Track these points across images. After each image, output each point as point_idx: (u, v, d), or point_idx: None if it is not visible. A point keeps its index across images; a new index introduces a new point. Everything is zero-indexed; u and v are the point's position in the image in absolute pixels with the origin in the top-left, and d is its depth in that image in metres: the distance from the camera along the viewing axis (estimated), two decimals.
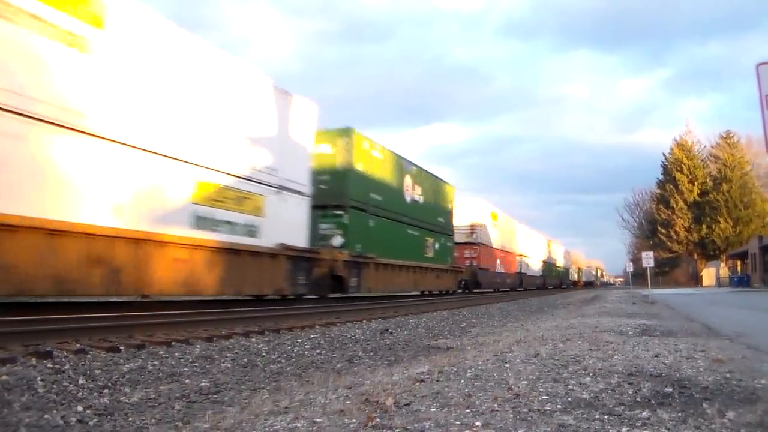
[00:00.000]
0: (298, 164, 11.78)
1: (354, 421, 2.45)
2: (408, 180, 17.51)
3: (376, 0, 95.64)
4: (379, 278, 15.58)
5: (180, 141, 8.75)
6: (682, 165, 59.71)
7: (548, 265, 45.23)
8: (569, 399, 2.62)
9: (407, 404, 2.69)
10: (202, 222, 9.13)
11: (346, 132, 14.21)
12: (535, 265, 40.53)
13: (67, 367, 4.62)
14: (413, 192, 17.83)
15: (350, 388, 3.48)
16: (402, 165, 17.35)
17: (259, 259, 10.39)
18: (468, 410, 2.50)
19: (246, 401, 3.78)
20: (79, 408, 3.51)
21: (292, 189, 11.51)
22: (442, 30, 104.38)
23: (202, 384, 4.39)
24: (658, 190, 63.39)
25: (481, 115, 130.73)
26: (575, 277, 69.11)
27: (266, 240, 10.58)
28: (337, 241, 13.64)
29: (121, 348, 5.63)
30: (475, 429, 2.21)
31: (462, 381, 3.22)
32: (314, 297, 12.71)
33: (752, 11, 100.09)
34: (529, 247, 38.56)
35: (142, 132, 8.07)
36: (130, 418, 3.38)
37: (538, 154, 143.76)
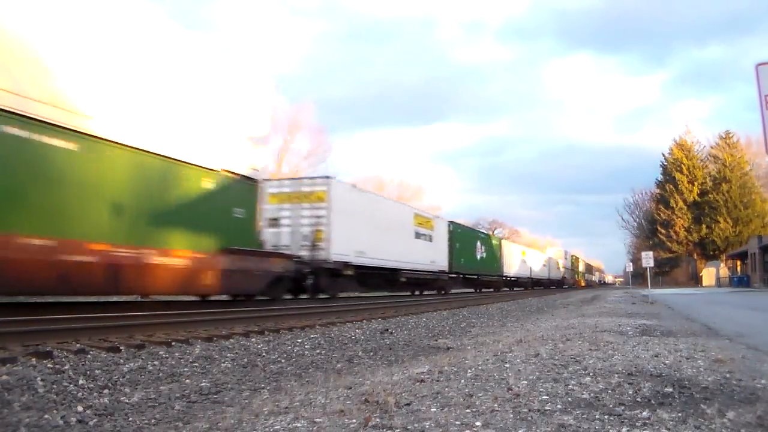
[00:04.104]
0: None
1: (354, 421, 2.45)
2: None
3: (378, 2, 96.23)
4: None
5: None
6: (682, 165, 59.68)
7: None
8: (569, 399, 2.62)
9: (407, 404, 2.69)
10: None
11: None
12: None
13: (67, 367, 4.62)
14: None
15: (350, 388, 3.48)
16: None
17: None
18: (468, 410, 2.50)
19: (246, 401, 3.78)
20: (79, 408, 3.51)
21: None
22: (444, 32, 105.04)
23: (202, 384, 4.39)
24: (658, 191, 63.33)
25: (482, 115, 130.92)
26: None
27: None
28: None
29: (121, 348, 5.63)
30: (475, 429, 2.21)
31: (462, 381, 3.22)
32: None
33: (751, 14, 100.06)
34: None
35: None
36: (130, 418, 3.38)
37: (539, 155, 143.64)
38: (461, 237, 28.47)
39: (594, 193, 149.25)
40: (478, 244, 31.30)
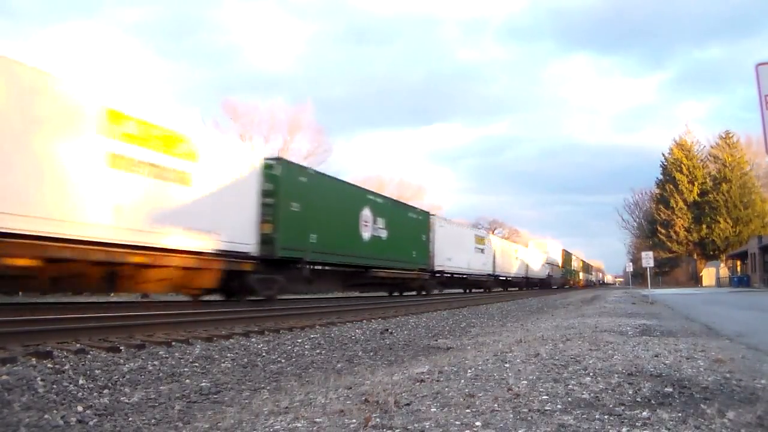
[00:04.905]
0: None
1: (354, 421, 2.45)
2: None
3: (379, 3, 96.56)
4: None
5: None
6: (682, 165, 59.70)
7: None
8: (569, 399, 2.62)
9: (407, 404, 2.69)
10: None
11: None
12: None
13: (67, 367, 4.62)
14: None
15: (350, 388, 3.48)
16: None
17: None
18: (468, 410, 2.50)
19: (246, 401, 3.78)
20: (79, 408, 3.51)
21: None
22: (445, 32, 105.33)
23: (202, 384, 4.39)
24: (658, 191, 63.33)
25: (482, 116, 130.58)
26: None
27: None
28: None
29: (121, 348, 5.64)
30: (475, 429, 2.21)
31: (462, 381, 3.22)
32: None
33: (751, 15, 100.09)
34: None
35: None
36: (130, 418, 3.38)
37: (538, 155, 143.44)
38: (311, 193, 14.45)
39: (594, 193, 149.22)
40: (368, 213, 17.76)
